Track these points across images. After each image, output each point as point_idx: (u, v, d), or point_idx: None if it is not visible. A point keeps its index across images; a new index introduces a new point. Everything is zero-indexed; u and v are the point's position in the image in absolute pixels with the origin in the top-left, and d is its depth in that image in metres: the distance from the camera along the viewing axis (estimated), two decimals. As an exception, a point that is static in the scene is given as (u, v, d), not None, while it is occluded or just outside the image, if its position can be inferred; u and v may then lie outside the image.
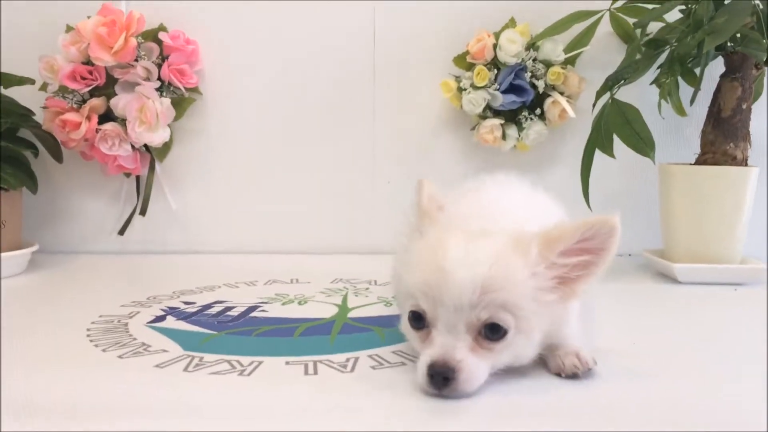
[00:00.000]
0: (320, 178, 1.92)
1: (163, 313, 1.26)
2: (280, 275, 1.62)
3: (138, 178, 1.89)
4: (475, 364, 0.83)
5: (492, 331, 0.83)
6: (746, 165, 1.57)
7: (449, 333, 0.83)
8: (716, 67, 1.65)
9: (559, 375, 0.92)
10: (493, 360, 0.85)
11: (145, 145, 1.82)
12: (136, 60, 1.76)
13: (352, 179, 1.90)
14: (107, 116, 1.80)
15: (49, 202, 1.89)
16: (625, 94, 1.61)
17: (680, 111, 1.71)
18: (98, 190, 1.91)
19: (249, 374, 0.93)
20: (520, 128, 1.78)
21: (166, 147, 1.86)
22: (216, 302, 1.35)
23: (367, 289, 1.48)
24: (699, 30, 1.43)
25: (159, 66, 1.78)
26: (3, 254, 1.59)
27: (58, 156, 1.79)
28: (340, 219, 1.92)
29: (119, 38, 1.72)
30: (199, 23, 1.86)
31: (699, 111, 1.69)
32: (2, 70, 1.72)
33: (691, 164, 1.63)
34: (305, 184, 1.92)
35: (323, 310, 1.29)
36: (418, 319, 0.86)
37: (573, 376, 0.91)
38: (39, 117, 1.79)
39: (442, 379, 0.82)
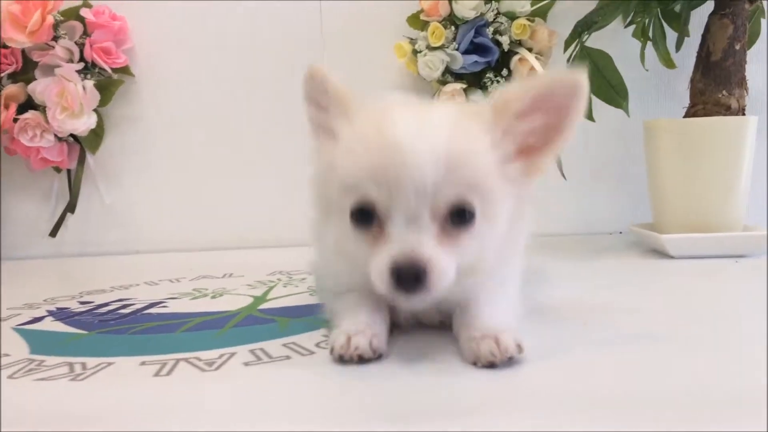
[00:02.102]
0: (270, 164, 1.72)
1: (45, 314, 1.08)
2: (215, 271, 1.43)
3: (69, 172, 1.72)
4: (445, 261, 0.69)
5: (459, 217, 0.70)
6: (743, 115, 1.34)
7: (410, 225, 0.69)
8: (707, 8, 1.43)
9: (474, 364, 0.70)
10: (459, 254, 0.71)
11: (74, 136, 1.65)
12: (55, 39, 1.59)
13: (304, 166, 1.69)
14: (30, 105, 1.63)
15: (-27, 204, 1.73)
16: (604, 45, 1.40)
17: (668, 62, 1.49)
18: (27, 188, 1.74)
19: (84, 378, 0.74)
20: (486, 92, 1.56)
21: (98, 136, 1.68)
22: (116, 300, 1.16)
23: (303, 279, 1.28)
24: (674, -44, 1.21)
25: (82, 46, 1.61)
26: None
27: (-26, 152, 1.62)
28: (292, 210, 1.70)
29: (34, 16, 1.55)
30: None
31: (691, 63, 1.46)
32: None
33: (679, 119, 1.40)
34: (253, 173, 1.73)
35: (235, 302, 1.11)
36: (367, 216, 0.71)
37: (490, 365, 0.69)
38: (-43, 110, 1.62)
39: (413, 281, 0.67)
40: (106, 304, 1.13)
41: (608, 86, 1.27)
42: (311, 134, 0.82)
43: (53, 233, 1.72)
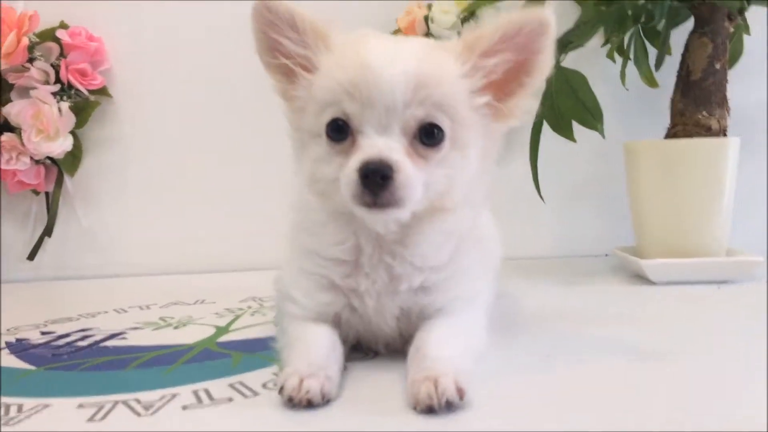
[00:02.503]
0: (248, 187, 1.69)
1: (3, 346, 1.05)
2: (188, 296, 1.40)
3: (47, 195, 1.70)
4: (412, 168, 0.72)
5: (428, 136, 0.74)
6: (724, 136, 1.31)
7: (381, 136, 0.73)
8: (688, 27, 1.40)
9: (414, 408, 0.67)
10: (428, 175, 0.74)
11: (51, 158, 1.63)
12: (31, 61, 1.58)
13: (282, 186, 1.67)
14: (7, 127, 1.61)
15: (-50, 228, 1.71)
16: (584, 63, 1.38)
17: (650, 81, 1.47)
18: (4, 211, 1.72)
19: (17, 422, 0.72)
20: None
21: (75, 159, 1.67)
22: (78, 330, 1.14)
23: (273, 307, 1.24)
24: (649, -26, 1.18)
25: (58, 67, 1.59)
26: None
27: (-51, 175, 1.61)
28: (270, 233, 1.68)
29: (9, 38, 1.54)
30: (105, 17, 1.67)
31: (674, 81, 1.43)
32: None
33: (659, 139, 1.36)
34: (232, 195, 1.70)
35: (195, 333, 1.08)
36: (340, 129, 0.74)
37: (429, 410, 0.66)
38: (-67, 133, 1.61)
39: (379, 180, 0.69)
40: (67, 335, 1.11)
41: (583, 108, 1.25)
42: (270, 74, 0.83)
43: (31, 256, 1.70)
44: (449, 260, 0.82)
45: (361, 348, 0.89)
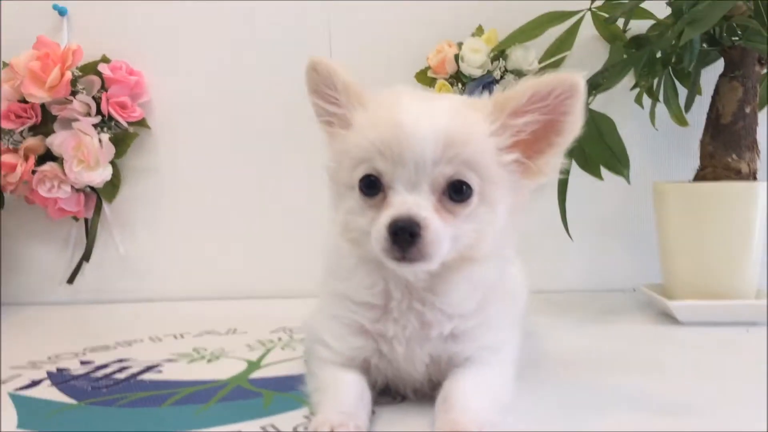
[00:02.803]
0: (281, 214, 1.74)
1: (44, 376, 1.10)
2: (221, 325, 1.44)
3: (87, 221, 1.75)
4: (440, 225, 0.75)
5: (457, 192, 0.77)
6: (754, 179, 1.31)
7: (410, 193, 0.76)
8: (718, 67, 1.41)
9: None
10: (457, 229, 0.77)
11: (91, 186, 1.69)
12: (73, 94, 1.64)
13: (313, 217, 1.70)
14: (49, 156, 1.67)
15: (-5, 251, 1.78)
16: (614, 100, 1.39)
17: (681, 120, 1.48)
18: (46, 236, 1.77)
19: (62, 462, 0.74)
20: (494, 149, 1.56)
21: (114, 187, 1.72)
22: (116, 361, 1.18)
23: (303, 339, 1.27)
24: (679, 20, 1.20)
25: (99, 100, 1.65)
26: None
27: (-5, 202, 1.67)
28: (303, 259, 1.71)
29: (53, 72, 1.60)
30: (145, 52, 1.72)
31: (704, 120, 1.44)
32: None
33: (688, 181, 1.37)
34: (265, 223, 1.74)
35: (228, 368, 1.11)
36: (372, 185, 0.78)
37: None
38: (-20, 160, 1.68)
39: (408, 236, 0.73)
40: (105, 366, 1.15)
41: (610, 153, 1.26)
42: (320, 125, 0.88)
43: (70, 280, 1.75)
44: (478, 309, 0.84)
45: (390, 392, 0.91)
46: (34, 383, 1.06)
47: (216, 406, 0.92)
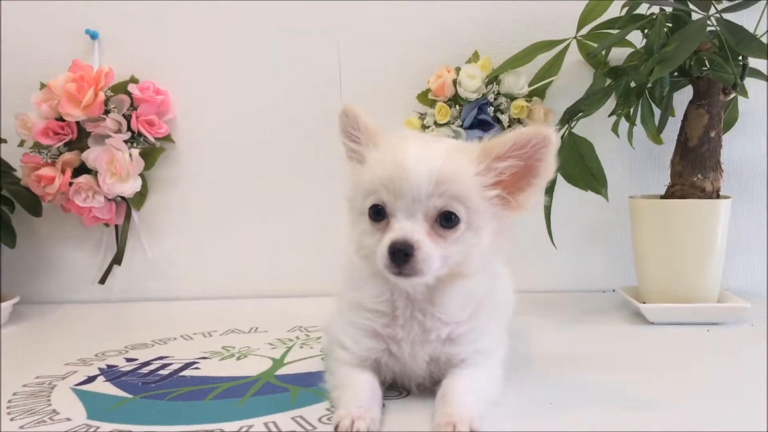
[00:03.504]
0: (296, 221, 1.91)
1: (98, 372, 1.27)
2: (244, 323, 1.61)
3: (117, 227, 1.92)
4: (431, 247, 0.91)
5: (446, 220, 0.93)
6: (717, 197, 1.48)
7: (407, 220, 0.93)
8: (690, 90, 1.57)
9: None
10: (446, 249, 0.93)
11: (121, 195, 1.85)
12: (106, 113, 1.80)
13: (328, 221, 1.87)
14: (84, 169, 1.84)
15: (34, 254, 1.95)
16: (595, 119, 1.56)
17: (656, 139, 1.64)
18: (80, 240, 1.95)
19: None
20: (488, 164, 1.72)
21: (141, 196, 1.89)
22: (157, 358, 1.35)
23: (318, 339, 1.45)
24: (650, 58, 1.36)
25: (129, 117, 1.81)
26: (-21, 309, 1.64)
27: (35, 211, 1.83)
28: (316, 261, 1.89)
29: (88, 93, 1.76)
30: (170, 72, 1.88)
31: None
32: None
33: (659, 197, 1.54)
34: (281, 228, 1.91)
35: (256, 365, 1.28)
36: (379, 213, 0.95)
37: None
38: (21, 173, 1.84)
39: (402, 256, 0.90)
40: (148, 363, 1.32)
41: (589, 173, 1.42)
42: (346, 161, 1.06)
43: (102, 281, 1.92)
44: (470, 317, 1.02)
45: (396, 387, 1.09)
46: (90, 379, 1.23)
47: (251, 400, 1.09)
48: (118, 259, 1.91)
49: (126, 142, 1.81)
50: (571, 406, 1.03)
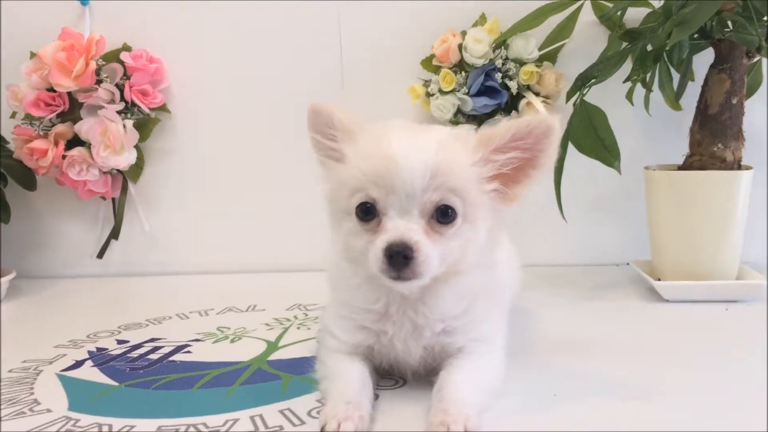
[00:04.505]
0: (297, 193, 1.82)
1: (86, 356, 1.23)
2: (242, 301, 1.57)
3: (114, 200, 1.87)
4: (430, 247, 0.84)
5: (443, 215, 0.86)
6: (738, 167, 1.39)
7: (402, 218, 0.85)
8: (711, 53, 1.47)
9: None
10: (444, 247, 0.86)
11: (117, 168, 1.79)
12: (98, 83, 1.73)
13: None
14: (78, 141, 1.78)
15: (30, 229, 1.90)
16: (610, 84, 1.46)
17: (674, 105, 1.54)
18: (76, 214, 1.90)
19: (110, 444, 0.87)
20: (496, 133, 1.64)
21: (138, 168, 1.83)
22: (149, 340, 1.31)
23: (317, 319, 1.40)
24: (668, 20, 1.26)
25: (122, 87, 1.75)
26: (-26, 285, 1.60)
27: (29, 184, 1.78)
28: (318, 235, 1.82)
29: (78, 62, 1.69)
30: (164, 40, 1.80)
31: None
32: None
33: (676, 168, 1.45)
34: (282, 201, 1.85)
35: (250, 349, 1.23)
36: (368, 211, 0.87)
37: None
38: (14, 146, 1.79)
39: (402, 259, 0.82)
40: (140, 345, 1.28)
41: (602, 146, 1.34)
42: (317, 160, 0.98)
43: (100, 255, 1.88)
44: (465, 310, 0.95)
45: (392, 375, 1.03)
46: (78, 363, 1.19)
47: (239, 389, 1.04)
48: (115, 233, 1.86)
49: (119, 113, 1.74)
50: (576, 397, 0.97)
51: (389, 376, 1.04)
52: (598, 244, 1.75)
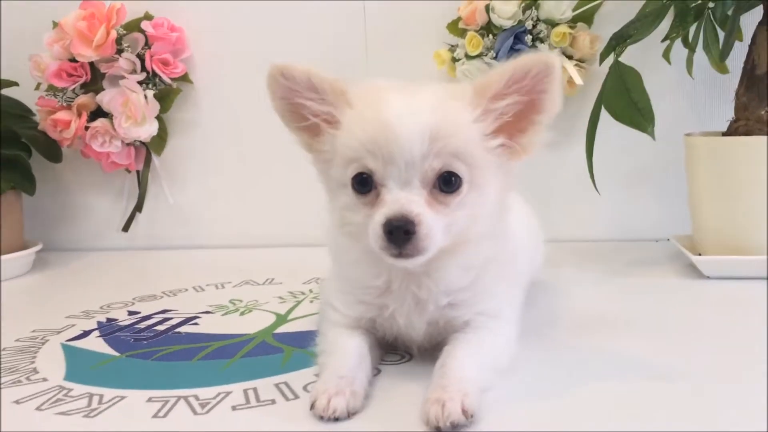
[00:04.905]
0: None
1: (95, 327, 1.21)
2: (260, 274, 1.53)
3: (138, 173, 1.85)
4: (433, 219, 0.78)
5: (446, 183, 0.79)
6: (788, 133, 1.27)
7: (402, 189, 0.78)
8: (758, 13, 1.35)
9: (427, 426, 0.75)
10: (449, 218, 0.79)
11: (140, 140, 1.77)
12: (119, 52, 1.71)
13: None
14: (101, 112, 1.76)
15: (58, 202, 1.91)
16: (649, 46, 1.36)
17: (720, 68, 1.43)
18: (103, 187, 1.89)
19: (95, 415, 0.84)
20: (526, 100, 1.55)
21: (161, 140, 1.81)
22: (160, 312, 1.28)
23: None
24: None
25: (143, 57, 1.72)
26: (2, 257, 1.61)
27: (54, 156, 1.78)
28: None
29: (99, 31, 1.66)
30: (186, 9, 1.77)
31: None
32: (2, 72, 1.73)
33: (720, 135, 1.34)
34: (308, 173, 1.79)
35: (258, 322, 1.19)
36: (364, 183, 0.80)
37: (436, 430, 0.74)
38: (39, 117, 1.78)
39: (402, 234, 0.76)
40: (149, 317, 1.25)
41: (635, 109, 1.24)
42: (291, 132, 0.91)
43: (125, 228, 1.87)
44: (472, 282, 0.88)
45: (398, 350, 0.97)
46: (85, 333, 1.17)
47: (239, 362, 1.00)
48: (139, 206, 1.84)
49: (141, 83, 1.72)
50: (591, 377, 0.88)
51: (395, 350, 0.98)
52: (636, 219, 1.65)
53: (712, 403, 0.80)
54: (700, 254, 1.35)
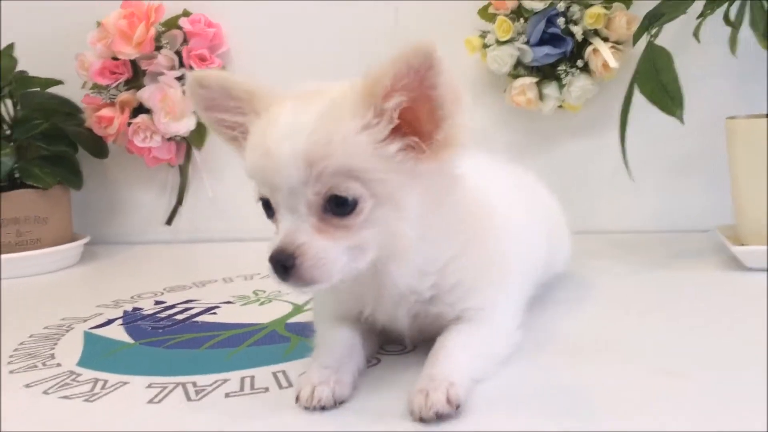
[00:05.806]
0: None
1: (120, 315, 1.24)
2: (291, 265, 1.53)
3: (181, 167, 1.89)
4: (322, 247, 0.72)
5: (338, 205, 0.72)
6: (838, 114, 1.18)
7: (292, 216, 0.74)
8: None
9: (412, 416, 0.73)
10: (354, 240, 0.73)
11: (180, 135, 1.81)
12: (158, 49, 1.74)
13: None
14: (143, 108, 1.80)
15: (105, 196, 1.96)
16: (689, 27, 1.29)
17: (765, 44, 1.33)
18: (147, 181, 1.94)
19: (96, 399, 0.86)
20: (561, 85, 1.50)
21: (201, 135, 1.83)
22: (184, 302, 1.30)
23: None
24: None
25: (180, 54, 1.75)
26: (49, 249, 1.68)
27: (99, 152, 1.84)
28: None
29: (139, 29, 1.70)
30: (223, 5, 1.79)
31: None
32: (50, 71, 1.80)
33: (764, 117, 1.26)
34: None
35: (274, 312, 1.19)
36: (268, 206, 0.78)
37: (421, 420, 0.71)
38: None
39: (281, 268, 0.72)
40: (173, 306, 1.27)
41: (663, 91, 1.17)
42: (226, 142, 0.87)
43: (168, 222, 1.91)
44: (449, 283, 0.84)
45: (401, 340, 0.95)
46: (109, 322, 1.20)
47: (245, 350, 1.00)
48: (179, 200, 1.88)
49: (178, 79, 1.75)
50: (598, 367, 0.85)
51: (397, 341, 0.96)
52: (678, 209, 1.57)
53: (750, 396, 0.74)
54: (742, 245, 1.26)
